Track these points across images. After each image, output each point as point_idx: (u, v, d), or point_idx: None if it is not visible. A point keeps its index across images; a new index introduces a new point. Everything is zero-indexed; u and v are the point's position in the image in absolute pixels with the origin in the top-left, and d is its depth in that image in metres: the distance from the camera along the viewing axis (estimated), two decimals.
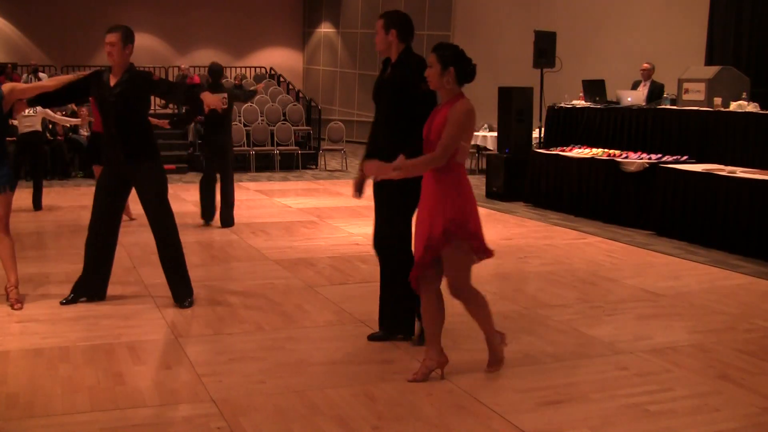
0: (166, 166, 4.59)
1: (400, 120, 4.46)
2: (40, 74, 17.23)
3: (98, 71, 5.51)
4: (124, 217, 9.08)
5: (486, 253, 4.10)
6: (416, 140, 4.15)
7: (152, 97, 5.68)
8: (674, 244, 7.97)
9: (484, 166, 12.78)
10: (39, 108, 9.61)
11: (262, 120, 15.72)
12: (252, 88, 12.99)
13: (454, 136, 3.90)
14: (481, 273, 6.74)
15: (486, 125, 14.89)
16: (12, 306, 5.31)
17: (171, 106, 15.89)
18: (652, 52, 12.51)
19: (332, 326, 5.15)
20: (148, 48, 21.28)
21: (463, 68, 4.01)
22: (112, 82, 5.32)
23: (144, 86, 5.41)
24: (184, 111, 12.88)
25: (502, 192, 11.03)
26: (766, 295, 6.11)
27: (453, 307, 4.40)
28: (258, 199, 10.90)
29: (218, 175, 8.80)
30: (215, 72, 8.97)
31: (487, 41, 18.04)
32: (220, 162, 8.79)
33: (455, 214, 3.94)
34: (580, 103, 10.92)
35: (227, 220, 8.75)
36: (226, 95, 8.07)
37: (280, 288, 6.08)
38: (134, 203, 9.47)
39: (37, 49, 19.91)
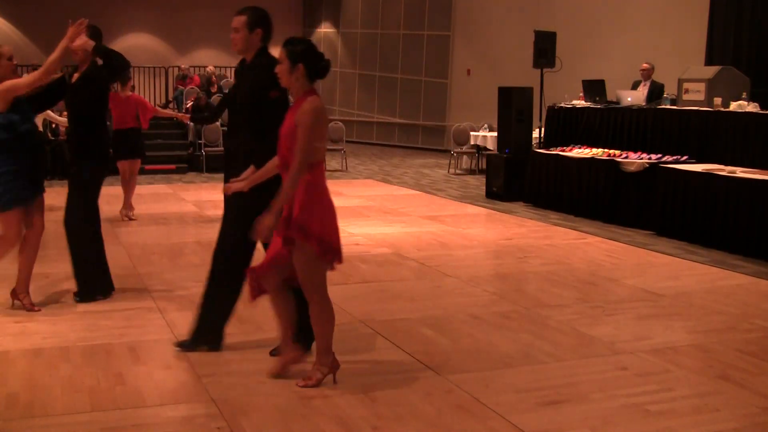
0: (166, 166, 4.53)
1: (254, 125, 4.28)
2: None
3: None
4: (124, 217, 9.11)
5: (334, 259, 3.92)
6: (272, 143, 3.98)
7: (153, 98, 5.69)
8: (674, 244, 7.97)
9: (484, 166, 12.78)
10: None
11: None
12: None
13: (305, 141, 3.77)
14: (481, 273, 6.76)
15: (486, 125, 14.91)
16: (30, 309, 5.31)
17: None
18: (652, 52, 12.52)
19: None
20: (148, 48, 21.27)
21: (313, 65, 3.87)
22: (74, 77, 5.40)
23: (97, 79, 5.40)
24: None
25: (502, 192, 11.03)
26: (766, 295, 6.11)
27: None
28: None
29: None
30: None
31: (487, 41, 18.06)
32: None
33: (303, 216, 3.81)
34: (580, 103, 10.93)
35: None
36: None
37: None
38: (138, 204, 9.54)
39: (37, 49, 19.89)
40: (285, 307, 4.06)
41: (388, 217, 9.56)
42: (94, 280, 5.57)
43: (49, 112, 9.93)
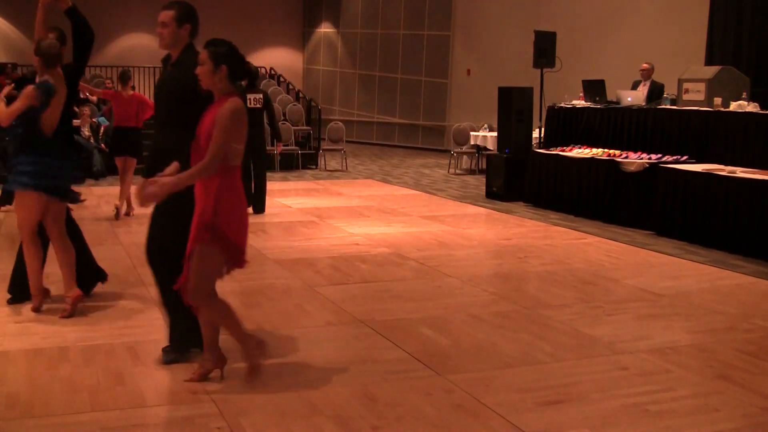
0: None
1: (179, 124, 4.14)
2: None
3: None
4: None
5: (237, 264, 3.92)
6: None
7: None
8: (674, 244, 7.97)
9: (484, 166, 12.79)
10: None
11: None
12: None
13: (221, 141, 3.72)
14: (481, 273, 6.76)
15: (486, 125, 14.91)
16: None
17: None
18: (652, 52, 12.52)
19: (332, 326, 5.15)
20: (148, 48, 21.23)
21: (236, 66, 3.84)
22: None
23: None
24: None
25: (502, 192, 11.04)
26: (766, 295, 6.11)
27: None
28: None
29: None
30: (251, 72, 9.42)
31: (487, 41, 18.06)
32: (257, 155, 9.65)
33: (216, 219, 3.75)
34: (580, 103, 10.93)
35: (263, 208, 9.76)
36: (261, 95, 9.63)
37: (280, 288, 6.08)
38: (137, 203, 9.52)
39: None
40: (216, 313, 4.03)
41: (387, 217, 9.56)
42: (81, 274, 5.54)
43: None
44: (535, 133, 11.68)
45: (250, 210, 9.66)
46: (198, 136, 3.84)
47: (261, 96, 9.79)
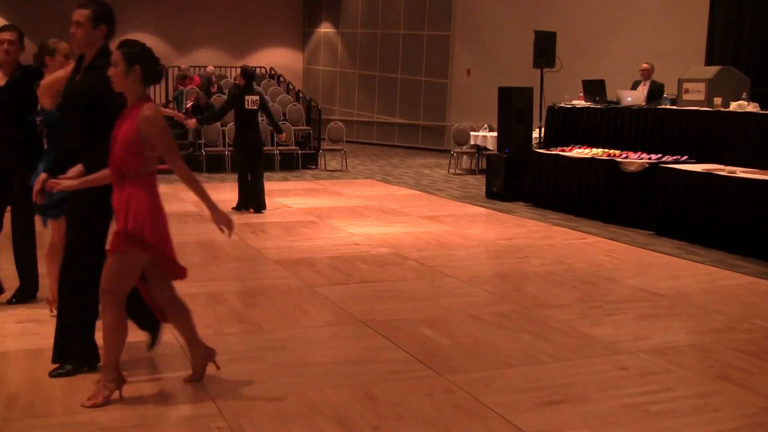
0: (166, 167, 4.47)
1: (87, 127, 4.02)
2: None
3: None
4: None
5: (175, 274, 3.80)
6: (106, 149, 3.76)
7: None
8: (674, 244, 7.97)
9: (484, 166, 12.78)
10: None
11: (262, 120, 15.69)
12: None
13: (169, 144, 3.66)
14: (481, 273, 6.76)
15: (486, 125, 14.91)
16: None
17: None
18: (652, 52, 12.53)
19: (332, 326, 5.15)
20: None
21: (149, 68, 3.68)
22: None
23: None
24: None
25: (502, 192, 11.04)
26: (766, 295, 6.11)
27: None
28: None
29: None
30: (249, 74, 10.03)
31: (487, 41, 18.06)
32: (255, 155, 9.85)
33: (138, 227, 3.63)
34: (580, 103, 10.93)
35: (262, 206, 9.82)
36: (257, 97, 9.86)
37: (280, 288, 6.08)
38: None
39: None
40: (183, 316, 3.96)
41: (387, 217, 9.56)
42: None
43: None
44: (535, 133, 11.68)
45: (251, 210, 9.79)
46: (114, 145, 3.68)
47: (257, 98, 9.92)
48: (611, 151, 9.59)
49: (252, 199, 9.83)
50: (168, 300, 3.93)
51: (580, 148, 10.15)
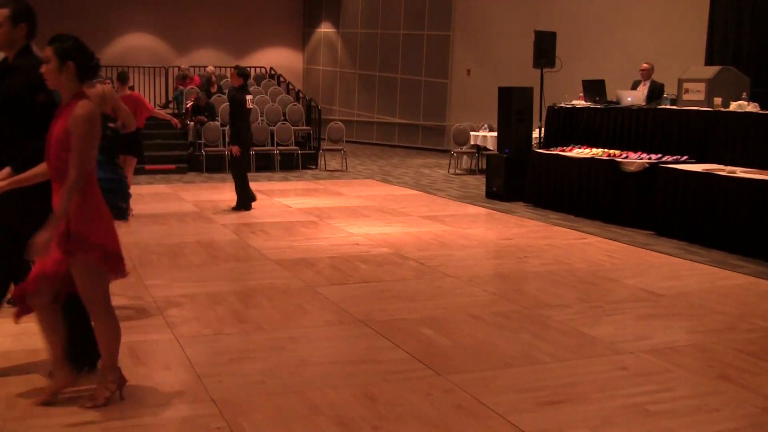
0: (166, 166, 4.41)
1: (16, 129, 3.91)
2: None
3: None
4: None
5: (115, 271, 3.70)
6: (38, 149, 3.66)
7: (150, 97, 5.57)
8: (674, 244, 7.97)
9: (484, 166, 12.78)
10: None
11: (262, 120, 15.72)
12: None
13: (83, 150, 3.48)
14: (481, 273, 6.76)
15: (486, 125, 14.91)
16: None
17: (172, 105, 15.82)
18: (652, 52, 12.52)
19: (332, 326, 5.15)
20: (148, 48, 21.28)
21: (84, 63, 3.58)
22: None
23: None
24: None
25: (502, 192, 11.03)
26: (766, 295, 6.11)
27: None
28: (258, 199, 10.89)
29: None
30: (246, 74, 10.27)
31: (487, 41, 18.06)
32: (248, 154, 10.36)
33: (81, 226, 3.51)
34: (580, 103, 10.92)
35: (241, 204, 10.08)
36: (252, 96, 10.26)
37: (280, 288, 6.08)
38: (137, 204, 9.53)
39: (38, 49, 19.90)
40: (55, 326, 3.74)
41: (388, 217, 9.56)
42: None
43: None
44: (535, 133, 11.68)
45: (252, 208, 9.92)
46: (49, 145, 3.58)
47: (252, 97, 10.19)
48: (611, 151, 9.58)
49: (250, 198, 9.99)
50: (44, 303, 3.70)
51: (580, 148, 10.15)
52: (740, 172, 7.73)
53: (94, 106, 3.58)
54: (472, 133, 14.87)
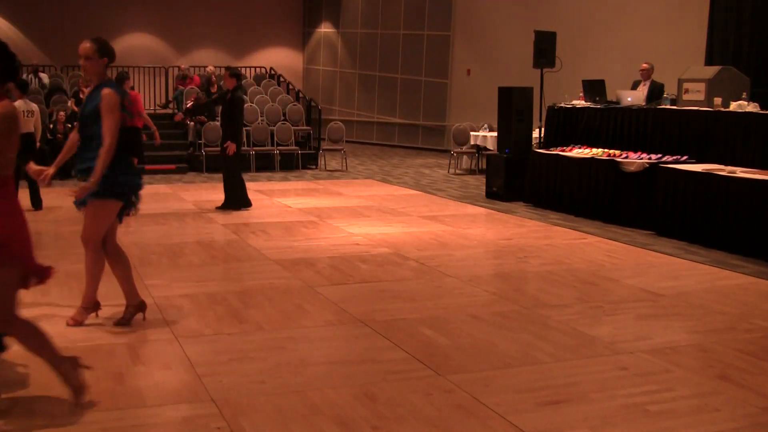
0: (166, 166, 4.43)
1: None
2: (41, 74, 17.23)
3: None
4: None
5: (37, 276, 3.61)
6: None
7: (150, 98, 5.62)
8: (674, 244, 7.97)
9: (484, 166, 12.78)
10: (35, 107, 9.65)
11: (262, 120, 15.72)
12: None
13: (0, 149, 3.39)
14: (481, 273, 6.77)
15: (486, 125, 14.91)
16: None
17: (172, 106, 15.85)
18: (652, 52, 12.52)
19: (332, 326, 5.15)
20: (148, 48, 21.27)
21: (5, 64, 3.53)
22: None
23: None
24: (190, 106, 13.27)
25: (502, 192, 11.04)
26: (766, 295, 6.11)
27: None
28: (258, 199, 10.89)
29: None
30: (238, 75, 10.20)
31: (487, 41, 18.06)
32: (241, 153, 10.18)
33: (2, 234, 3.43)
34: (580, 103, 10.93)
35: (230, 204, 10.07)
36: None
37: (280, 288, 6.08)
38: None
39: (37, 49, 19.91)
40: (32, 334, 3.69)
41: (387, 217, 9.56)
42: None
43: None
44: (535, 133, 11.68)
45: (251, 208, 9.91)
46: None
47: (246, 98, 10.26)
48: (611, 151, 9.59)
49: (244, 202, 10.04)
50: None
51: (580, 148, 10.15)
52: (740, 172, 7.73)
53: (13, 108, 3.49)
54: (472, 133, 14.87)
